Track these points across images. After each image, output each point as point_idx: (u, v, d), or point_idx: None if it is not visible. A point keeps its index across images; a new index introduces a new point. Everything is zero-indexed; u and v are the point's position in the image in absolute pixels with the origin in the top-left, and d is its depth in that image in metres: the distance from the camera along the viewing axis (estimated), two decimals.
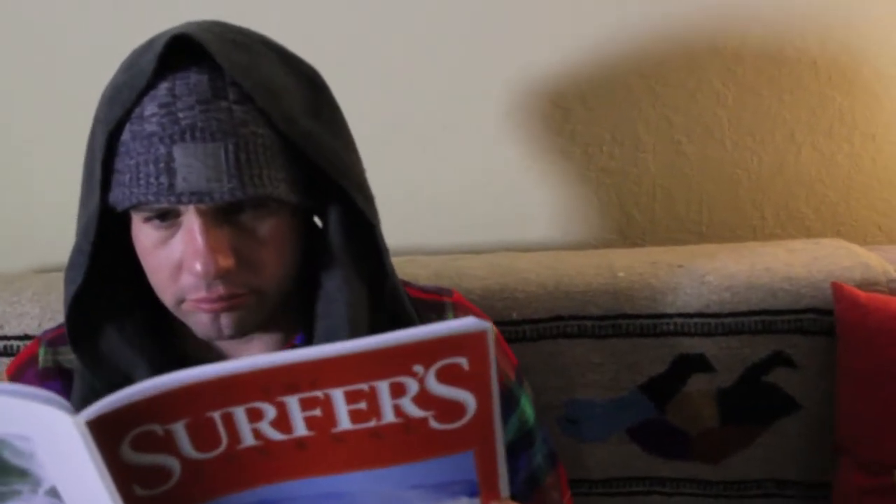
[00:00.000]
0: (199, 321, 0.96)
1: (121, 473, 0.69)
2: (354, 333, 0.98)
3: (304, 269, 1.01)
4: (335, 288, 1.00)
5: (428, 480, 0.77)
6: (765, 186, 1.60)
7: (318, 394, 0.70)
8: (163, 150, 0.87)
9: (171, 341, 1.05)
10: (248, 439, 0.72)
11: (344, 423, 0.72)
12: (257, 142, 0.89)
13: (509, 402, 1.10)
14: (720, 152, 1.59)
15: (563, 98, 1.56)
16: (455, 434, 0.75)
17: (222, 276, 0.90)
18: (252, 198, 0.89)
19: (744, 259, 1.38)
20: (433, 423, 0.74)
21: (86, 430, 0.67)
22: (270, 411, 0.71)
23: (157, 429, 0.69)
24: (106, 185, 0.92)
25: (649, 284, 1.36)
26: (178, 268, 0.92)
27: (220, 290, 0.92)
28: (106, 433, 0.67)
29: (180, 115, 0.88)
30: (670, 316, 1.34)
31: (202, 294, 0.92)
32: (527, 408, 1.13)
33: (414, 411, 0.73)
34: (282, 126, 0.91)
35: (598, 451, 1.37)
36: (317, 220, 1.04)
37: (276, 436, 0.72)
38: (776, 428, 1.35)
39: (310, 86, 0.98)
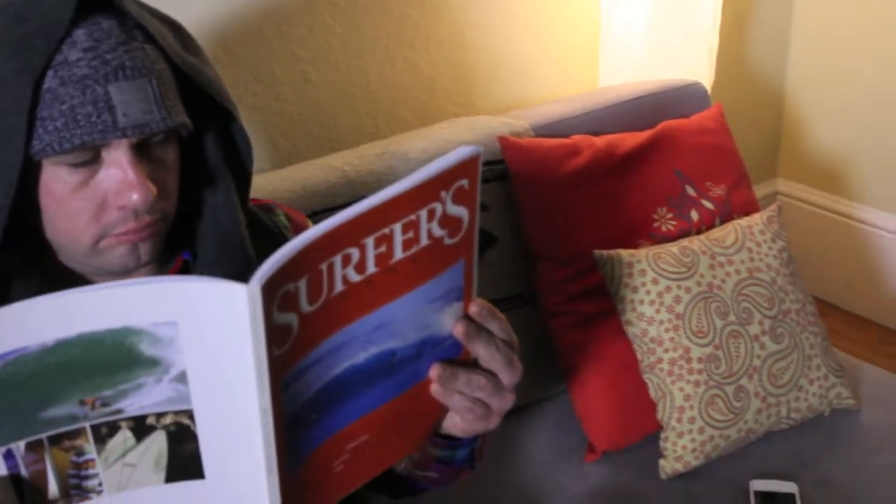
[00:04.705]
0: (118, 255, 1.02)
1: (268, 335, 0.72)
2: (241, 235, 1.13)
3: None
4: (224, 199, 1.11)
5: (439, 293, 0.87)
6: (374, 98, 1.93)
7: (387, 230, 0.78)
8: (99, 90, 0.93)
9: None
10: (338, 285, 0.77)
11: (398, 253, 0.80)
12: (165, 77, 1.00)
13: None
14: (338, 75, 1.88)
15: (209, 48, 1.72)
16: (455, 247, 0.86)
17: (151, 204, 0.98)
18: (176, 126, 0.99)
19: (422, 140, 1.71)
20: (447, 240, 0.84)
21: (259, 295, 0.70)
22: (355, 254, 0.77)
23: (292, 287, 0.73)
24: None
25: (372, 171, 1.62)
26: (102, 206, 0.98)
27: (147, 218, 1.00)
28: (267, 298, 0.70)
29: (108, 56, 0.95)
30: None
31: (130, 225, 0.99)
32: None
33: (437, 232, 0.83)
34: (177, 61, 1.02)
35: None
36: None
37: (355, 277, 0.78)
38: (486, 259, 1.71)
39: (171, 25, 1.09)
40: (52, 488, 0.78)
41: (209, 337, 0.73)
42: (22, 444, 0.76)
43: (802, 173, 2.93)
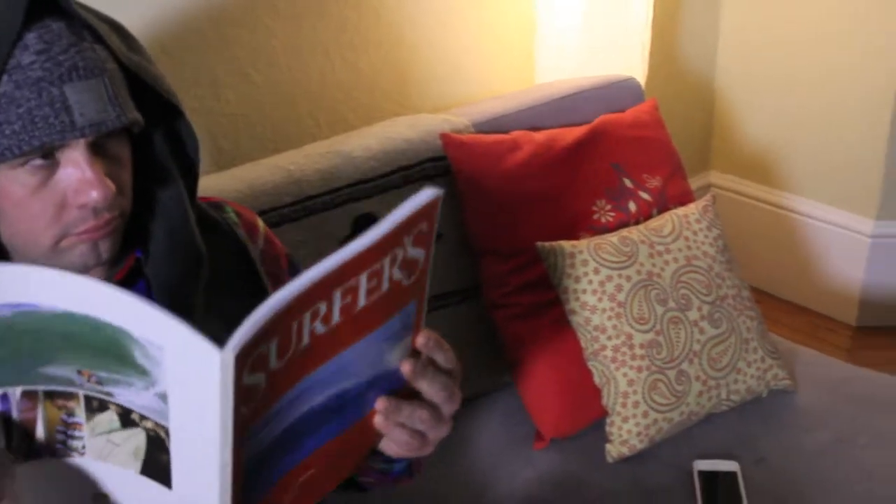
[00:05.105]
0: (79, 253, 1.03)
1: (237, 398, 0.72)
2: (192, 231, 1.15)
3: None
4: (172, 195, 1.13)
5: (393, 331, 0.87)
6: (316, 99, 1.95)
7: (353, 281, 0.77)
8: (55, 91, 0.95)
9: None
10: (305, 339, 0.76)
11: (362, 301, 0.79)
12: (116, 75, 1.01)
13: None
14: (280, 76, 1.90)
15: (149, 50, 1.72)
16: (411, 287, 0.86)
17: (111, 201, 1.00)
18: (130, 123, 1.01)
19: (366, 139, 1.74)
20: (404, 282, 0.84)
21: (231, 364, 0.69)
22: (323, 308, 0.76)
23: (263, 348, 0.72)
24: None
25: (317, 169, 1.64)
26: (61, 206, 0.99)
27: (106, 215, 1.01)
28: (239, 363, 0.70)
29: (61, 58, 0.96)
30: (340, 189, 1.65)
31: (90, 223, 1.00)
32: None
33: (397, 275, 0.82)
34: (125, 61, 1.04)
35: None
36: None
37: (321, 329, 0.77)
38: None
39: (113, 25, 1.11)
40: (40, 436, 0.82)
41: (185, 382, 0.74)
42: (18, 390, 0.80)
43: (734, 165, 3.02)
